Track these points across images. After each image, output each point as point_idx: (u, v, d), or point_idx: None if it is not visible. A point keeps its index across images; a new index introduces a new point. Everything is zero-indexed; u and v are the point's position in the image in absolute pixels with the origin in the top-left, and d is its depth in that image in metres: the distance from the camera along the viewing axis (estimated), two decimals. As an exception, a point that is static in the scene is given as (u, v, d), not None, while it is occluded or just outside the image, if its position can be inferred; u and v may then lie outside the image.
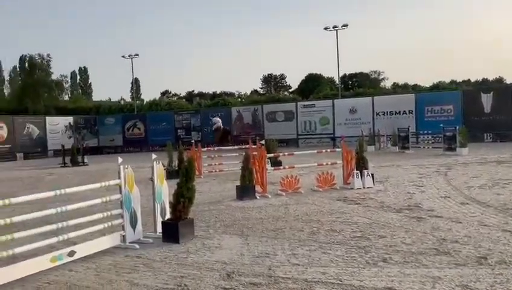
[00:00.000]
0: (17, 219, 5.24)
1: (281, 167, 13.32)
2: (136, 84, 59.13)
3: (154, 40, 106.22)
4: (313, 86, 59.87)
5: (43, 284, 5.01)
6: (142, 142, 38.92)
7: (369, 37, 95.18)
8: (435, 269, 4.86)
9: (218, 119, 25.98)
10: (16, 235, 5.15)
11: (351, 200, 9.50)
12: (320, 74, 67.13)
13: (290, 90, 70.40)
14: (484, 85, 52.62)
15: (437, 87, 42.19)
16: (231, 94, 66.60)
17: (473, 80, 55.98)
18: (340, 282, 4.61)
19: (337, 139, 30.43)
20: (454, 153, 19.84)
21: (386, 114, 31.49)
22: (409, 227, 6.86)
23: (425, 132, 27.12)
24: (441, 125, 22.67)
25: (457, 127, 20.91)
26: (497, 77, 56.58)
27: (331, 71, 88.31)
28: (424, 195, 9.75)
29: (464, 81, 52.45)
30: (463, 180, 11.71)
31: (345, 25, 37.94)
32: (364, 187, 10.89)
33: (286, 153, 14.63)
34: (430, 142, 25.94)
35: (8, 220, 5.04)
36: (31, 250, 5.40)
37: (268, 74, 77.54)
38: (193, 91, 74.86)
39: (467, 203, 8.59)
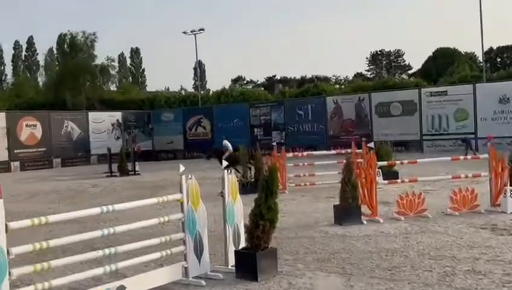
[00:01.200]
0: (54, 242, 5.60)
1: (398, 181, 12.96)
2: (200, 68, 60.73)
3: (223, 13, 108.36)
4: (444, 66, 57.81)
5: (85, 328, 5.32)
6: (207, 145, 39.44)
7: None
8: None
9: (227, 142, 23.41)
10: (53, 263, 5.51)
11: (503, 229, 9.05)
12: (454, 49, 64.67)
13: (410, 72, 68.68)
14: None
15: None
16: (326, 79, 66.32)
17: None
18: None
19: (481, 140, 29.06)
20: None
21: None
22: None
23: None
24: None
25: None
26: None
27: (470, 44, 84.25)
28: None
29: None
30: None
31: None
32: (522, 211, 10.35)
33: (405, 161, 14.25)
34: None
35: (44, 244, 5.40)
36: (71, 282, 5.75)
37: (377, 51, 76.07)
38: (274, 76, 75.44)
39: None
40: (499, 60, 62.59)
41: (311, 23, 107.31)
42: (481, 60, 45.00)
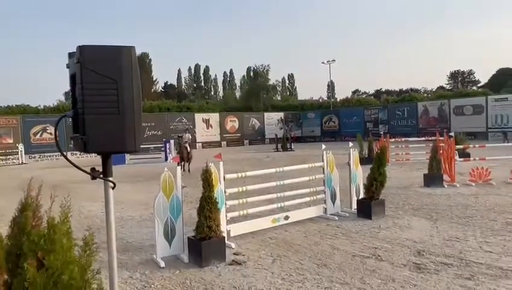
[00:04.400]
0: (249, 187, 5.90)
1: (470, 159, 11.70)
2: (332, 85, 59.55)
3: (348, 47, 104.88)
4: (504, 80, 50.68)
5: (266, 239, 5.55)
6: (336, 133, 38.89)
7: None
8: None
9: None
10: (249, 199, 5.81)
11: (552, 195, 7.78)
12: (512, 68, 56.43)
13: (479, 85, 61.11)
14: None
15: None
16: (417, 90, 61.36)
17: None
18: (541, 275, 3.85)
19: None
20: None
21: None
22: None
23: None
24: None
25: None
26: None
27: (526, 64, 73.02)
28: None
29: None
30: None
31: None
32: None
33: (477, 145, 12.76)
34: None
35: (244, 188, 5.72)
36: (258, 212, 6.03)
37: (455, 70, 68.79)
38: (381, 89, 71.63)
39: None
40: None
41: (407, 47, 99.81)
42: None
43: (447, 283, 3.77)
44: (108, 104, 2.01)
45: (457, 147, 11.01)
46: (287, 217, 6.13)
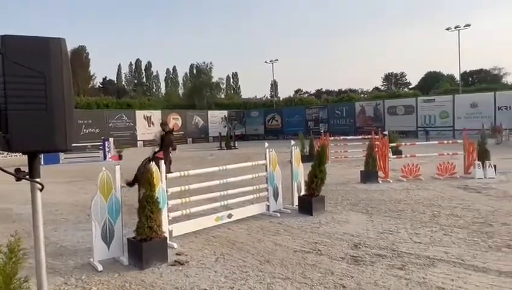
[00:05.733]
0: (192, 186, 5.81)
1: (402, 156, 12.48)
2: (275, 84, 60.55)
3: (291, 48, 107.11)
4: (432, 83, 54.70)
5: (210, 237, 5.50)
6: (279, 132, 39.67)
7: (490, 35, 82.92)
8: None
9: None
10: (192, 198, 5.72)
11: (472, 188, 8.52)
12: (439, 72, 61.07)
13: (410, 87, 65.38)
14: None
15: None
16: (354, 91, 64.28)
17: None
18: (462, 262, 4.19)
19: (457, 131, 27.48)
20: None
21: (509, 108, 27.39)
22: (535, 217, 5.92)
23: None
24: None
25: None
26: None
27: (450, 69, 79.32)
28: (552, 188, 8.30)
29: None
30: None
31: (467, 25, 33.87)
32: (485, 177, 9.67)
33: (408, 143, 13.64)
34: (559, 136, 21.92)
35: (186, 187, 5.62)
36: (201, 211, 5.95)
37: (389, 72, 73.04)
38: (321, 89, 74.15)
39: None
40: (470, 79, 58.40)
41: (347, 51, 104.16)
42: (458, 79, 42.13)
43: (381, 273, 3.99)
44: (34, 100, 1.85)
45: (391, 145, 11.71)
46: (230, 215, 6.12)
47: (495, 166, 9.99)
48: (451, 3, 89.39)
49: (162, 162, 5.13)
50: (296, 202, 7.08)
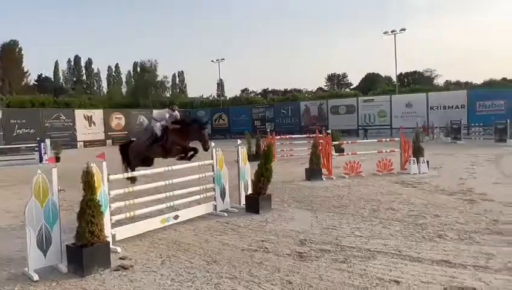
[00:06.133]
0: (136, 188, 5.63)
1: (344, 154, 13.01)
2: (221, 83, 60.39)
3: (237, 47, 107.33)
4: (371, 84, 57.53)
5: (155, 240, 5.36)
6: (226, 131, 39.66)
7: (424, 39, 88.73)
8: (488, 247, 4.54)
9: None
10: (136, 200, 5.55)
11: (408, 183, 9.08)
12: (378, 73, 64.39)
13: (351, 87, 68.20)
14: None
15: (489, 84, 38.74)
16: (299, 91, 65.79)
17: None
18: (399, 253, 4.46)
19: (394, 130, 29.15)
20: (504, 144, 18.27)
21: (439, 108, 29.60)
22: (462, 208, 6.44)
23: (477, 124, 25.13)
24: (493, 118, 21.05)
25: (509, 121, 19.14)
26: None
27: (387, 70, 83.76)
28: (476, 181, 9.07)
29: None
30: (514, 169, 10.74)
31: (403, 29, 36.00)
32: (420, 173, 10.36)
33: (350, 142, 14.24)
34: (481, 134, 23.99)
35: (130, 189, 5.44)
36: (146, 213, 5.79)
37: (331, 73, 75.70)
38: (267, 88, 75.02)
39: (519, 190, 7.87)
40: (405, 80, 62.16)
41: (293, 52, 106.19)
42: (395, 81, 44.70)
43: (325, 267, 4.12)
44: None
45: (334, 143, 12.14)
46: (176, 217, 6.01)
47: (428, 162, 10.72)
48: (388, 8, 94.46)
49: (104, 163, 4.91)
50: (243, 201, 7.11)
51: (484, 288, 3.49)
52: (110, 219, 4.98)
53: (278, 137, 17.68)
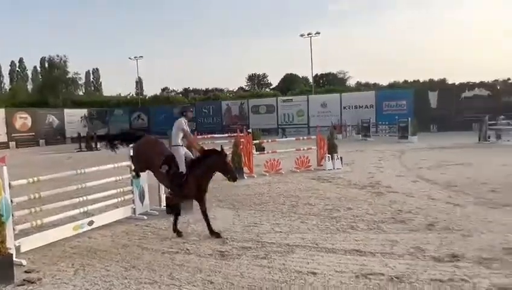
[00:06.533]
0: (44, 193, 5.17)
1: (265, 152, 13.30)
2: (140, 81, 58.03)
3: (156, 45, 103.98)
4: (290, 84, 59.69)
5: (67, 249, 4.98)
6: (146, 131, 38.12)
7: (338, 42, 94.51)
8: (393, 234, 4.97)
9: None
10: (43, 207, 5.09)
11: (324, 179, 9.58)
12: (296, 74, 67.03)
13: (271, 87, 70.08)
14: (431, 84, 52.76)
15: (393, 86, 42.51)
16: (221, 90, 65.92)
17: (421, 80, 55.88)
18: (316, 245, 4.68)
19: (311, 128, 30.60)
20: (406, 141, 20.19)
21: (351, 108, 31.76)
22: (371, 201, 6.98)
23: (383, 123, 27.46)
24: (396, 117, 23.15)
25: (410, 119, 21.21)
26: (441, 77, 56.80)
27: (304, 71, 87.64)
28: (383, 174, 9.89)
29: (414, 81, 52.46)
30: (414, 163, 11.92)
31: (318, 33, 37.93)
32: (334, 168, 10.99)
33: (270, 140, 14.63)
34: (387, 131, 26.25)
35: (37, 195, 4.98)
36: (56, 220, 5.35)
37: (252, 73, 77.05)
38: (188, 88, 73.95)
39: (418, 181, 8.76)
40: (321, 81, 65.53)
41: (213, 52, 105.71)
42: (311, 81, 46.98)
43: (247, 264, 4.18)
44: None
45: (255, 142, 12.37)
46: (91, 223, 5.65)
47: (341, 158, 11.43)
48: (303, 11, 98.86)
49: (5, 168, 4.42)
50: (163, 203, 6.92)
51: (390, 272, 3.81)
52: (14, 229, 4.51)
53: (200, 136, 17.49)
